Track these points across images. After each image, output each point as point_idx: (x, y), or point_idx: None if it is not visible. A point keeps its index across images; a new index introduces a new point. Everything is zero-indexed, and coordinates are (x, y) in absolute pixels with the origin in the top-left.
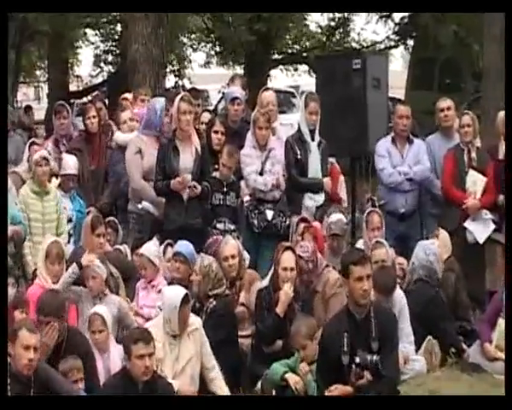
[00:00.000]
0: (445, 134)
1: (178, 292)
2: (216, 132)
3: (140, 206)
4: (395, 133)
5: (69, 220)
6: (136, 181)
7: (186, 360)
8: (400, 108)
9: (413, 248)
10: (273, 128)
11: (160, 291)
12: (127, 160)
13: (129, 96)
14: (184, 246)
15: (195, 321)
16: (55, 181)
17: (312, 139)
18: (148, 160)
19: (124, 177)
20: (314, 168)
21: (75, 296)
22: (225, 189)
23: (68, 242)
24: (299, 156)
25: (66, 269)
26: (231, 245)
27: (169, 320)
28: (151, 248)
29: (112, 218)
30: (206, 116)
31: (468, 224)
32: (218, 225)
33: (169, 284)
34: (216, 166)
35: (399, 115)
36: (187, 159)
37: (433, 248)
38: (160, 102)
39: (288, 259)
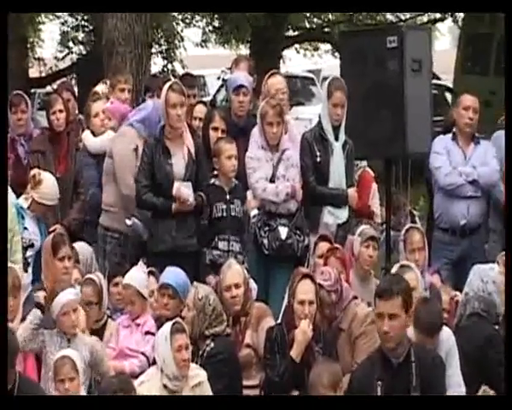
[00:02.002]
0: None
1: (168, 323)
2: (215, 130)
3: (129, 222)
4: (457, 129)
5: (31, 245)
6: (130, 186)
7: None
8: (466, 97)
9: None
10: (285, 123)
11: (147, 333)
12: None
13: (102, 88)
14: (173, 275)
15: (200, 373)
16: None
17: (336, 139)
18: None
19: (92, 185)
20: (337, 175)
21: (37, 346)
22: (228, 196)
23: (26, 271)
24: (318, 159)
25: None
26: (235, 271)
27: (164, 362)
28: (138, 276)
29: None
30: (200, 110)
31: None
32: (221, 245)
33: (156, 321)
34: (216, 172)
35: (465, 106)
36: (178, 163)
37: (493, 275)
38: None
39: (305, 289)
